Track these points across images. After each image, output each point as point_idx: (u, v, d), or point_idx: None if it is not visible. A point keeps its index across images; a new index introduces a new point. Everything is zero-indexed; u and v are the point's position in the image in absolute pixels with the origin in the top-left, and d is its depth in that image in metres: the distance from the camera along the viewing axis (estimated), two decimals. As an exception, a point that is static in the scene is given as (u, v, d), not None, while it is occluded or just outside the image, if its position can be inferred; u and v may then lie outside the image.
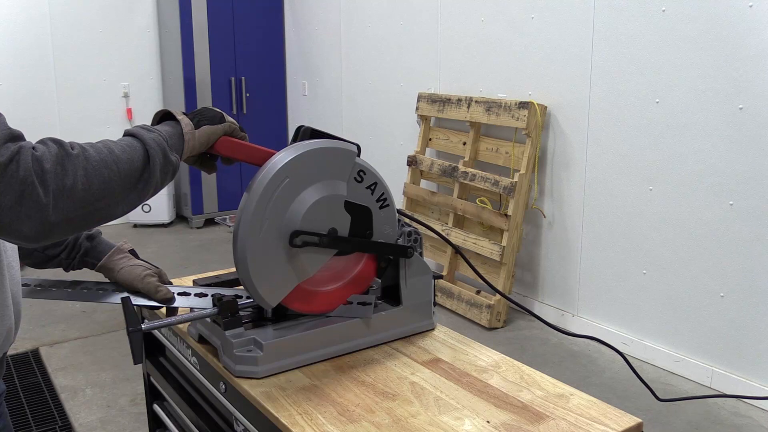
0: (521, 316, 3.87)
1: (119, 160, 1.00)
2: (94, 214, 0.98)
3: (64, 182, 0.92)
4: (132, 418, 2.82)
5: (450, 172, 4.10)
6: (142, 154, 1.03)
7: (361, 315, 1.32)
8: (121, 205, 1.01)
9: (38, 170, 0.90)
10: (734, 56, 2.85)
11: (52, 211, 0.91)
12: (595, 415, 1.10)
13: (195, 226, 5.84)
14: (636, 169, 3.30)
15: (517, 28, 3.84)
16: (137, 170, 1.02)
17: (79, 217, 0.95)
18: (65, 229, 0.95)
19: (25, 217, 0.90)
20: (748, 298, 2.91)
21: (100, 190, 0.96)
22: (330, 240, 1.23)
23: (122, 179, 1.00)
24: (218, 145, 1.19)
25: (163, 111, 1.16)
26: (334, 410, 1.12)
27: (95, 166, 0.96)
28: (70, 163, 0.94)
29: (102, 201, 0.97)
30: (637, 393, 2.98)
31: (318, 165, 1.21)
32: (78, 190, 0.94)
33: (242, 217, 1.17)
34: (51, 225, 0.92)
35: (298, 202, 1.20)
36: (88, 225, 0.98)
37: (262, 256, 1.18)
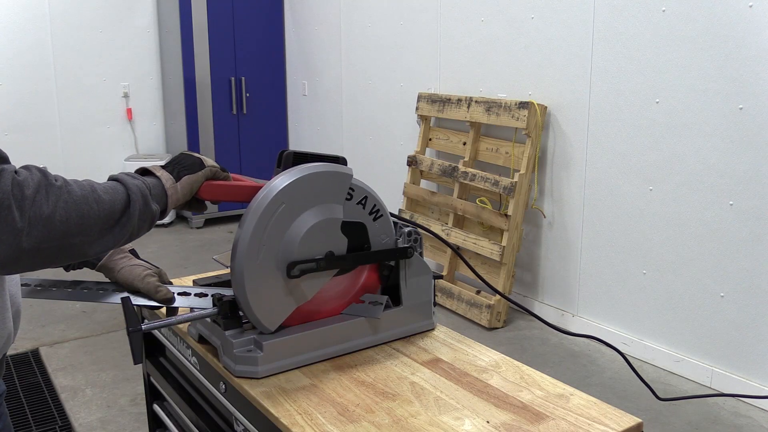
0: (521, 316, 3.87)
1: (100, 199, 0.99)
2: (67, 249, 0.96)
3: (42, 210, 0.91)
4: (132, 418, 2.82)
5: (450, 172, 4.10)
6: (123, 198, 1.03)
7: (371, 314, 1.32)
8: (95, 245, 1.00)
9: (17, 194, 0.89)
10: (734, 56, 2.85)
11: (25, 238, 0.90)
12: (595, 415, 1.10)
13: (195, 226, 5.85)
14: (636, 169, 3.30)
15: (517, 28, 3.84)
16: (117, 212, 1.01)
17: (51, 249, 0.94)
18: (35, 259, 0.93)
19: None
20: (748, 298, 2.91)
21: (77, 225, 0.95)
22: (327, 262, 1.24)
23: (101, 219, 0.99)
24: (202, 191, 1.19)
25: (142, 168, 1.16)
26: (334, 410, 1.12)
27: (76, 201, 0.95)
28: (52, 192, 0.93)
29: (77, 237, 0.96)
30: (637, 393, 2.98)
31: (313, 190, 1.21)
32: (55, 221, 0.92)
33: (239, 246, 1.17)
34: (21, 251, 0.90)
35: (294, 228, 1.20)
36: (58, 259, 0.97)
37: (259, 285, 1.19)
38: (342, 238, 1.26)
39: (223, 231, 5.77)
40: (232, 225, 5.93)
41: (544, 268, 3.88)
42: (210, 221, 5.96)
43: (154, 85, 6.09)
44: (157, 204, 1.10)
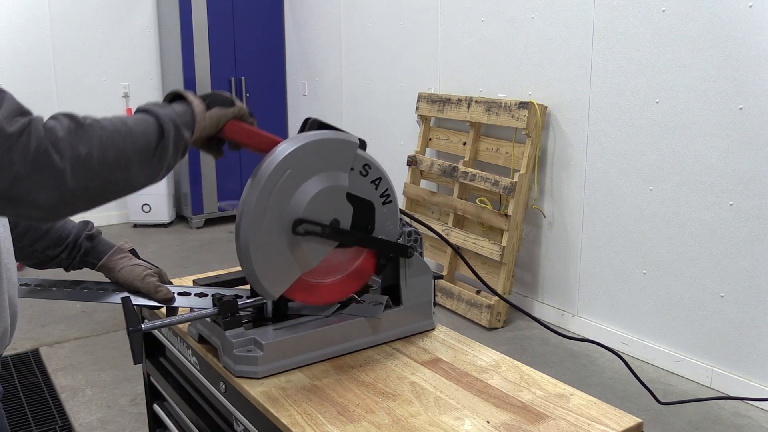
0: (521, 316, 3.87)
1: (133, 132, 0.99)
2: (112, 185, 0.97)
3: (78, 150, 0.92)
4: (132, 418, 2.82)
5: (450, 172, 4.10)
6: (155, 128, 1.02)
7: (371, 314, 1.32)
8: (138, 177, 1.00)
9: (52, 139, 0.90)
10: (734, 56, 2.85)
11: (70, 179, 0.91)
12: (595, 415, 1.10)
13: (195, 226, 5.84)
14: (636, 169, 3.30)
15: (517, 28, 3.84)
16: (152, 143, 1.01)
17: (97, 187, 0.95)
18: (83, 199, 0.94)
19: (42, 186, 0.89)
20: (748, 298, 2.91)
21: (115, 160, 0.96)
22: (332, 231, 1.23)
23: (137, 151, 0.99)
24: (227, 129, 1.18)
25: (174, 92, 1.15)
26: (334, 410, 1.12)
27: (110, 136, 0.96)
28: (84, 132, 0.93)
29: (118, 171, 0.97)
30: (636, 393, 2.98)
31: (320, 156, 1.21)
32: (93, 159, 0.93)
33: (245, 209, 1.16)
34: (69, 192, 0.91)
35: (300, 193, 1.20)
36: (106, 196, 0.98)
37: (264, 248, 1.18)
38: (348, 207, 1.25)
39: (223, 231, 5.77)
40: (232, 225, 5.92)
41: (544, 268, 3.88)
42: (210, 221, 5.96)
43: (154, 85, 6.08)
44: (188, 131, 1.09)
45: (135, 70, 5.96)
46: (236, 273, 1.55)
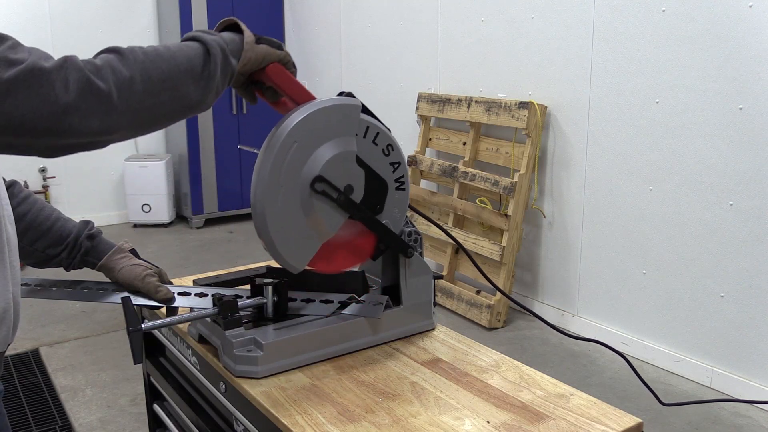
0: (521, 316, 3.87)
1: (177, 55, 1.01)
2: (160, 107, 0.98)
3: (122, 74, 0.94)
4: (132, 418, 2.82)
5: (450, 172, 4.10)
6: (201, 53, 1.04)
7: (371, 314, 1.32)
8: (185, 99, 1.02)
9: (92, 68, 0.92)
10: (734, 56, 2.85)
11: (117, 101, 0.92)
12: (595, 415, 1.10)
13: (195, 226, 5.84)
14: (636, 169, 3.30)
15: (517, 28, 3.84)
16: (197, 66, 1.02)
17: (145, 109, 0.96)
18: (133, 122, 0.96)
19: (91, 113, 0.90)
20: (748, 298, 2.91)
21: (160, 81, 0.98)
22: (345, 199, 1.23)
23: (182, 72, 1.01)
24: (270, 69, 1.19)
25: (229, 20, 1.16)
26: (334, 410, 1.12)
27: (152, 60, 0.98)
28: (124, 59, 0.96)
29: (164, 93, 0.98)
30: (637, 393, 2.98)
31: (323, 125, 1.23)
32: (138, 81, 0.95)
33: (258, 190, 1.17)
34: (118, 115, 0.93)
35: (310, 164, 1.20)
36: (156, 119, 0.99)
37: (282, 226, 1.19)
38: (359, 171, 1.25)
39: (223, 231, 5.77)
40: (232, 225, 5.93)
41: (544, 268, 3.88)
42: (210, 221, 5.96)
43: (154, 85, 6.08)
44: (235, 58, 1.10)
45: (135, 70, 5.95)
46: (236, 273, 1.55)
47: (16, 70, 0.86)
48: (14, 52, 0.87)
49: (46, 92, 0.87)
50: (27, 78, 0.86)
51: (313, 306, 1.35)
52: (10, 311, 1.11)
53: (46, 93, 0.87)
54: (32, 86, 0.86)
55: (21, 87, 0.86)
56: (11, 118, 0.86)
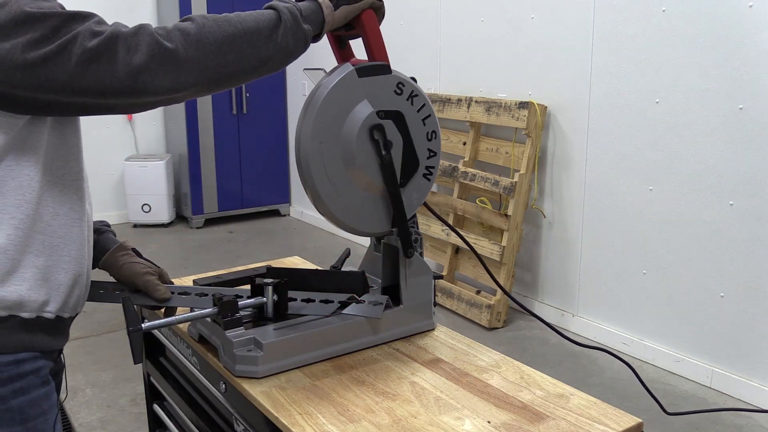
0: (521, 316, 3.87)
1: (245, 20, 1.08)
2: (225, 66, 1.06)
3: (189, 36, 1.03)
4: (132, 418, 2.82)
5: (450, 172, 4.11)
6: (271, 17, 1.11)
7: (371, 314, 1.32)
8: (251, 60, 1.09)
9: (162, 33, 1.02)
10: (734, 56, 2.85)
11: (184, 60, 1.02)
12: (595, 415, 1.10)
13: (195, 226, 5.84)
14: (636, 169, 3.30)
15: (517, 28, 3.84)
16: (265, 29, 1.09)
17: (211, 69, 1.05)
18: (202, 79, 1.04)
19: (163, 73, 1.01)
20: (748, 298, 2.91)
21: (226, 42, 1.06)
22: (388, 159, 1.28)
23: (248, 35, 1.08)
24: (365, 16, 1.30)
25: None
26: (334, 410, 1.12)
27: (219, 24, 1.06)
28: (194, 23, 1.04)
29: (230, 54, 1.06)
30: (637, 393, 2.98)
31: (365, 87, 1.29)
32: (204, 43, 1.04)
33: (301, 137, 1.25)
34: (187, 73, 1.02)
35: (350, 121, 1.26)
36: (225, 78, 1.07)
37: (324, 173, 1.25)
38: (399, 139, 1.31)
39: (223, 231, 5.77)
40: (232, 225, 5.93)
41: (544, 268, 3.88)
42: (210, 221, 5.96)
43: (154, 85, 6.08)
44: (310, 25, 1.17)
45: (135, 70, 5.95)
46: (236, 273, 1.55)
47: (98, 39, 0.98)
48: (98, 26, 1.00)
49: (123, 56, 0.99)
50: (108, 45, 0.98)
51: (313, 306, 1.35)
52: (83, 276, 1.18)
53: (123, 57, 0.99)
54: (110, 52, 0.98)
55: (103, 53, 0.98)
56: (96, 81, 0.98)
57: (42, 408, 1.12)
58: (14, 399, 1.08)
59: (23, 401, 1.09)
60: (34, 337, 1.10)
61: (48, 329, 1.12)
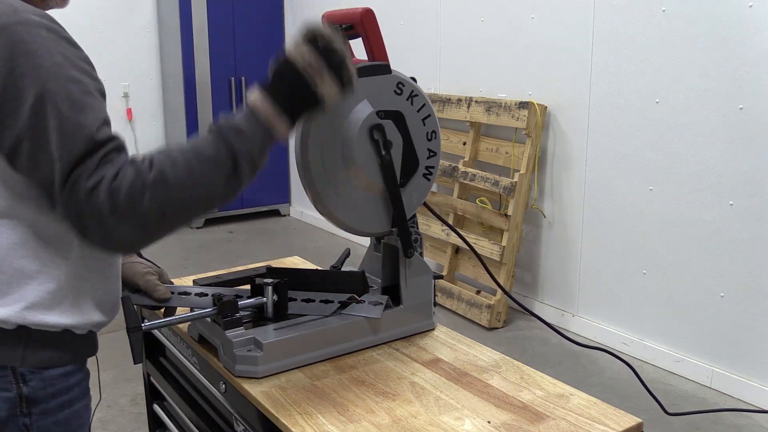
0: (521, 316, 3.87)
1: (198, 183, 1.00)
2: (167, 231, 1.01)
3: (136, 209, 0.95)
4: (132, 418, 2.82)
5: (450, 172, 4.10)
6: (227, 173, 1.01)
7: (371, 314, 1.32)
8: (195, 218, 1.06)
9: (112, 203, 0.94)
10: (734, 56, 2.85)
11: (128, 238, 0.96)
12: (595, 415, 1.10)
13: (195, 226, 5.84)
14: (636, 169, 3.30)
15: (517, 28, 3.84)
16: (219, 188, 1.02)
17: (157, 228, 0.99)
18: (160, 225, 0.98)
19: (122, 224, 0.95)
20: (748, 298, 2.91)
21: (174, 214, 0.99)
22: (387, 159, 1.27)
23: (200, 201, 1.01)
24: (364, 16, 1.27)
25: (262, 96, 1.09)
26: (334, 410, 1.12)
27: (170, 194, 0.98)
28: (147, 191, 0.95)
29: (175, 222, 1.01)
30: (637, 393, 2.98)
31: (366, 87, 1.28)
32: (150, 219, 0.97)
33: (301, 138, 1.24)
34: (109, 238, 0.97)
35: (350, 121, 1.26)
36: (159, 236, 1.01)
37: (324, 174, 1.25)
38: (399, 139, 1.30)
39: (223, 231, 5.77)
40: (232, 225, 5.93)
41: (544, 268, 3.88)
42: (210, 221, 5.96)
43: (154, 85, 6.08)
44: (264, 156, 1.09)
45: (135, 70, 5.96)
46: (236, 273, 1.55)
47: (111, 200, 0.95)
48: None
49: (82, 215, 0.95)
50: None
51: (313, 306, 1.35)
52: (119, 302, 1.18)
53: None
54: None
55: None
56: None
57: (83, 419, 1.15)
58: (61, 412, 1.08)
59: (69, 414, 1.10)
60: (82, 349, 1.12)
61: (91, 341, 1.14)
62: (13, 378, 1.02)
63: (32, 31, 0.97)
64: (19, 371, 1.02)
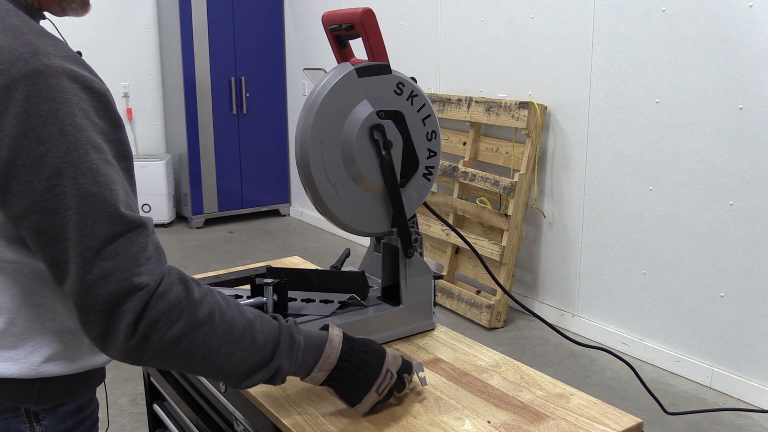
0: (521, 316, 3.87)
1: (241, 360, 0.94)
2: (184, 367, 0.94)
3: (162, 339, 0.89)
4: (132, 418, 2.82)
5: (450, 172, 4.11)
6: (265, 361, 0.96)
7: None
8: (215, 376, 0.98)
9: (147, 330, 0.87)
10: (734, 56, 2.85)
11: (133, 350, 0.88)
12: (595, 415, 1.10)
13: (195, 226, 5.84)
14: (636, 169, 3.30)
15: (517, 28, 3.84)
16: (251, 369, 0.96)
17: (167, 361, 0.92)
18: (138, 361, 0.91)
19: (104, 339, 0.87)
20: (748, 298, 2.91)
21: (201, 361, 0.93)
22: (387, 159, 1.28)
23: (230, 368, 0.95)
24: (364, 16, 1.25)
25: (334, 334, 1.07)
26: (334, 410, 1.12)
27: (212, 350, 0.92)
28: (189, 334, 0.90)
29: (191, 368, 0.94)
30: (637, 393, 2.98)
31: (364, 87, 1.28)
32: (174, 351, 0.90)
33: (301, 138, 1.24)
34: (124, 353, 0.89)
35: (350, 121, 1.26)
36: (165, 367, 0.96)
37: (324, 173, 1.25)
38: (399, 139, 1.30)
39: (223, 231, 5.77)
40: (232, 225, 5.93)
41: (544, 268, 3.88)
42: (210, 221, 5.96)
43: (154, 85, 6.09)
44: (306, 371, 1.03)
45: (135, 70, 5.96)
46: (236, 273, 1.55)
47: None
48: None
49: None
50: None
51: (313, 306, 1.35)
52: None
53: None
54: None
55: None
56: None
57: None
58: None
59: None
60: (94, 380, 1.06)
61: (101, 369, 1.09)
62: (26, 418, 0.98)
63: (52, 83, 0.83)
64: (32, 410, 0.98)
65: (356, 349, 1.06)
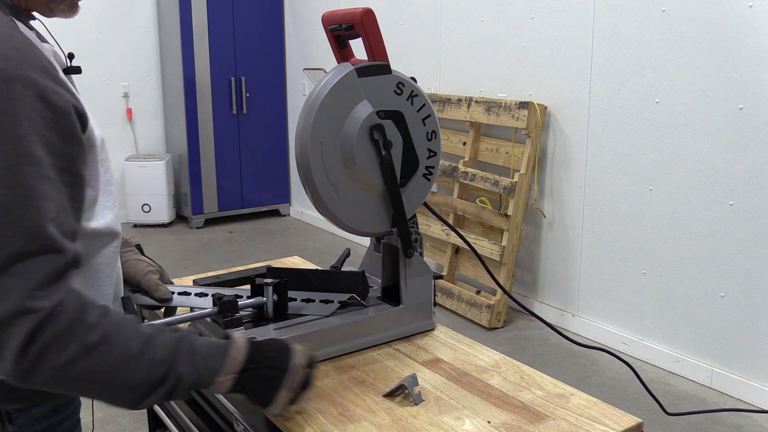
0: (521, 316, 3.87)
1: (131, 380, 0.90)
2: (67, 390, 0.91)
3: (51, 361, 0.86)
4: (132, 418, 2.82)
5: (450, 172, 4.11)
6: (157, 381, 0.92)
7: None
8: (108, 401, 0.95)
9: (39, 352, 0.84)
10: (734, 56, 2.85)
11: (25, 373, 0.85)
12: (595, 415, 1.10)
13: (195, 226, 5.84)
14: (636, 169, 3.30)
15: (517, 28, 3.84)
16: (143, 389, 0.92)
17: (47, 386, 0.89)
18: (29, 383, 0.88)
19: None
20: (748, 298, 2.91)
21: (94, 383, 0.89)
22: (388, 159, 1.28)
23: (121, 392, 0.91)
24: (364, 16, 1.25)
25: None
26: (334, 410, 1.12)
27: (99, 369, 0.88)
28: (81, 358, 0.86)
29: (83, 390, 0.91)
30: (637, 393, 2.98)
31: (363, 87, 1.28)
32: (63, 376, 0.87)
33: (301, 138, 1.24)
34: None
35: (350, 121, 1.26)
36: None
37: (324, 173, 1.25)
38: (399, 139, 1.30)
39: (223, 231, 5.77)
40: (232, 225, 5.93)
41: (544, 268, 3.88)
42: (210, 221, 5.96)
43: (154, 85, 6.09)
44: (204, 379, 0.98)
45: (135, 70, 5.96)
46: (236, 273, 1.55)
47: None
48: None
49: None
50: None
51: (313, 306, 1.35)
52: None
53: None
54: None
55: None
56: None
57: None
58: None
59: None
60: None
61: None
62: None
63: (2, 89, 0.81)
64: (4, 410, 0.96)
65: (262, 348, 1.03)
